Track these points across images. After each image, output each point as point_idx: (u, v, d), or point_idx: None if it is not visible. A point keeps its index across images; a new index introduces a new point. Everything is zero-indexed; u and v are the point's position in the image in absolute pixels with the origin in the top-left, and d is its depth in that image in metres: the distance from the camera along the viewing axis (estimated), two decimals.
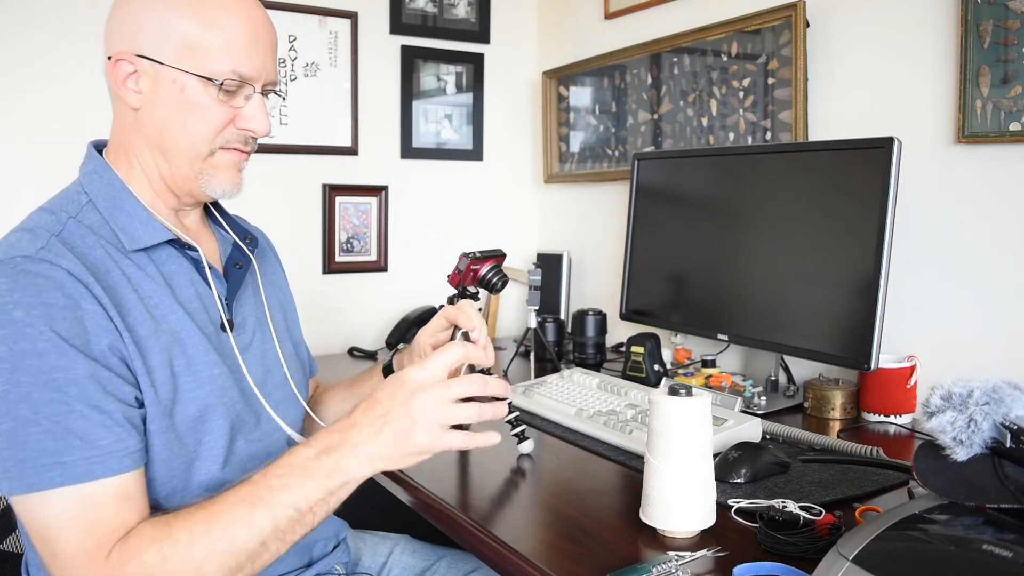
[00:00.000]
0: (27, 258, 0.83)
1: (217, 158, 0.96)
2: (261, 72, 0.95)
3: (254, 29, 0.94)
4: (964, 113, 1.40)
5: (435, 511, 1.10)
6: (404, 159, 2.38)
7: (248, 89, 0.95)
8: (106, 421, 0.81)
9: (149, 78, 0.92)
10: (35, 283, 0.81)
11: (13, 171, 1.87)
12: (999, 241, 1.40)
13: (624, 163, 2.22)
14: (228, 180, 0.98)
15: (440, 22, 2.39)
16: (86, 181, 0.96)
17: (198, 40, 0.90)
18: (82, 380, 0.81)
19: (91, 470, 0.79)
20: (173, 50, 0.91)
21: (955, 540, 0.78)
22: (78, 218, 0.91)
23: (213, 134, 0.94)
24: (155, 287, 0.92)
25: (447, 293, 1.39)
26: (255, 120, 0.96)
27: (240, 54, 0.92)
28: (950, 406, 0.86)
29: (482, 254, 1.37)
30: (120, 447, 0.82)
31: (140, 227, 0.93)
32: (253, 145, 1.00)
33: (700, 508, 0.96)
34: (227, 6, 0.92)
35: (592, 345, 1.95)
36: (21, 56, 1.87)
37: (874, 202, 1.34)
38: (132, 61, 0.92)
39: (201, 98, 0.92)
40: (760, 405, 1.53)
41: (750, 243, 1.58)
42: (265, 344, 1.05)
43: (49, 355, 0.80)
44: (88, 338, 0.82)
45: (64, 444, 0.79)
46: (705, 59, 1.93)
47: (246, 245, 1.08)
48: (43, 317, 0.80)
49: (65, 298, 0.82)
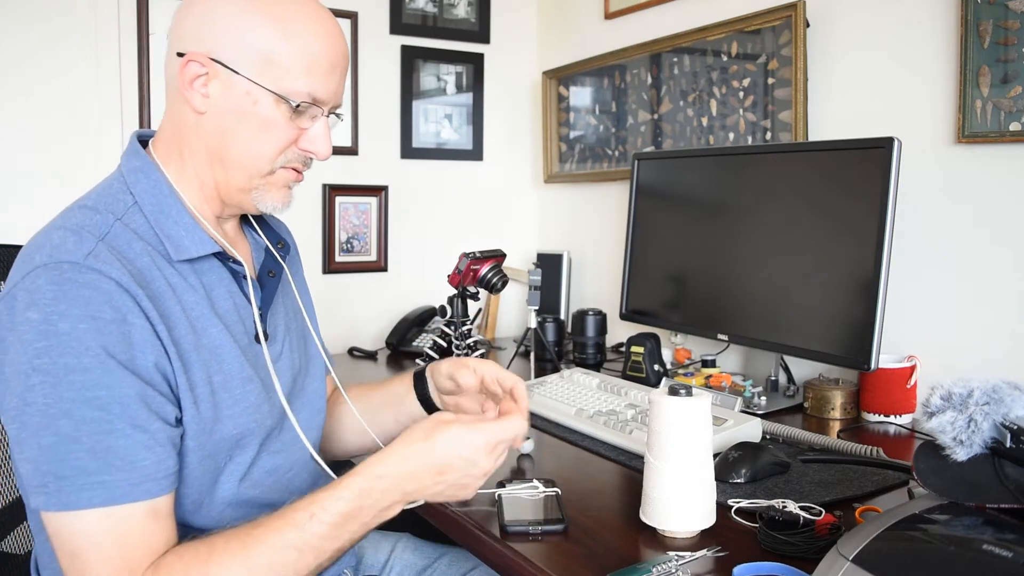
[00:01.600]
0: (75, 265, 0.79)
1: (277, 176, 0.94)
2: (334, 96, 0.93)
3: (335, 54, 0.91)
4: (964, 113, 1.40)
5: (435, 510, 1.10)
6: (404, 159, 2.38)
7: (316, 111, 0.92)
8: (148, 441, 0.80)
9: (221, 84, 0.88)
10: (82, 294, 0.78)
11: (12, 167, 1.87)
12: (999, 241, 1.40)
13: (624, 163, 2.22)
14: (280, 198, 0.96)
15: (440, 22, 2.39)
16: (131, 180, 0.91)
17: (279, 56, 0.88)
18: (126, 399, 0.79)
19: (130, 492, 0.78)
20: (252, 61, 0.87)
21: (955, 540, 0.78)
22: (124, 220, 0.87)
23: (277, 152, 0.92)
24: (197, 298, 0.89)
25: (447, 293, 1.39)
26: (318, 143, 0.94)
27: (319, 77, 0.90)
28: (950, 406, 0.86)
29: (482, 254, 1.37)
30: (160, 469, 0.80)
31: (186, 237, 0.90)
32: (309, 166, 0.97)
33: (700, 508, 0.96)
34: (313, 26, 0.90)
35: (592, 345, 1.95)
36: (20, 51, 1.87)
37: (874, 202, 1.34)
38: (205, 64, 0.88)
39: (272, 114, 0.89)
40: (760, 405, 1.53)
41: (750, 243, 1.58)
42: (293, 353, 1.04)
43: (94, 371, 0.77)
44: (134, 354, 0.80)
45: (105, 464, 0.77)
46: (705, 59, 1.93)
47: (278, 251, 1.06)
48: (91, 331, 0.77)
49: (113, 311, 0.79)
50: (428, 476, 0.86)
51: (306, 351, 1.09)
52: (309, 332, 1.13)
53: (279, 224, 1.15)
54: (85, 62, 1.93)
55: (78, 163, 1.93)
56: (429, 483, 0.86)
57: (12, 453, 0.81)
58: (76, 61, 1.92)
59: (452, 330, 1.39)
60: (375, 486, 0.85)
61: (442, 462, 0.86)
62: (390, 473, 0.85)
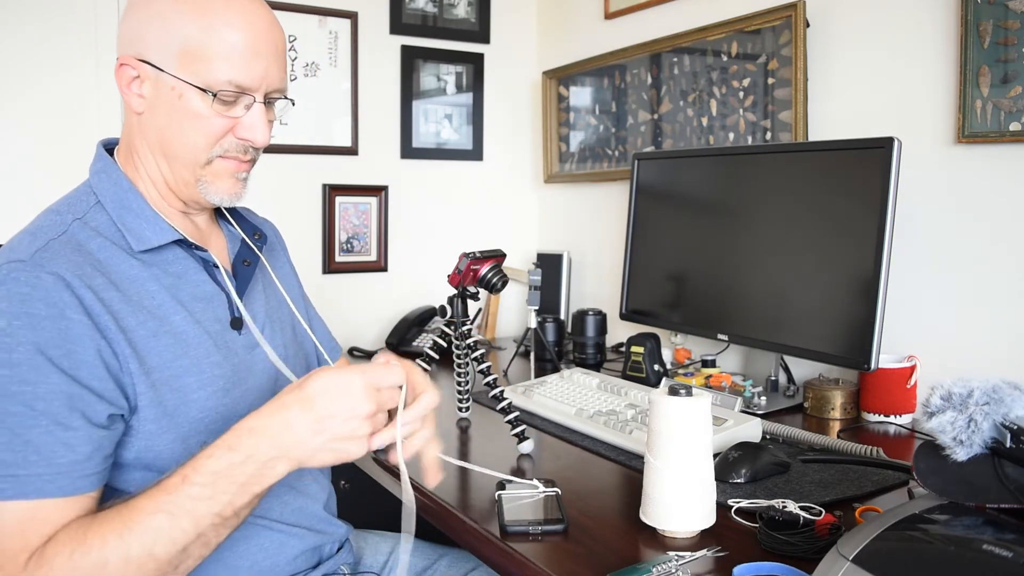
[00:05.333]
0: (20, 263, 0.83)
1: (215, 166, 0.96)
2: (262, 81, 0.94)
3: (255, 38, 0.92)
4: (964, 113, 1.40)
5: (435, 511, 1.10)
6: (404, 159, 2.37)
7: (248, 99, 0.94)
8: (70, 439, 0.80)
9: (151, 83, 0.92)
10: (20, 291, 0.81)
11: (12, 165, 1.87)
12: (999, 241, 1.40)
13: (624, 163, 2.22)
14: (226, 188, 0.98)
15: (440, 22, 2.39)
16: (95, 181, 0.96)
17: (197, 48, 0.90)
18: (51, 396, 0.79)
19: (43, 488, 0.78)
20: (173, 57, 0.91)
21: (955, 540, 0.78)
22: (84, 219, 0.91)
23: (210, 143, 0.94)
24: (159, 288, 0.92)
25: (447, 293, 1.39)
26: (254, 130, 0.95)
27: (239, 64, 0.91)
28: (950, 406, 0.86)
29: (482, 254, 1.37)
30: (76, 469, 0.80)
31: (147, 227, 0.93)
32: (254, 154, 0.99)
33: (700, 508, 0.96)
34: (228, 15, 0.91)
35: (592, 345, 1.95)
36: (20, 50, 1.87)
37: (874, 202, 1.34)
38: (135, 66, 0.92)
39: (199, 107, 0.92)
40: (760, 405, 1.53)
41: (750, 243, 1.58)
42: (274, 341, 1.05)
43: (22, 367, 0.79)
44: (69, 348, 0.81)
45: (21, 458, 0.78)
46: (705, 59, 1.93)
47: (254, 241, 1.08)
48: (25, 327, 0.79)
49: (48, 308, 0.81)
50: (304, 425, 0.80)
51: (301, 347, 1.10)
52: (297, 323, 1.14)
53: (260, 220, 1.18)
54: (85, 62, 1.93)
55: (78, 163, 1.91)
56: (308, 434, 0.80)
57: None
58: (76, 61, 1.92)
59: (452, 330, 1.39)
60: (244, 440, 0.80)
61: (317, 408, 0.80)
62: (261, 426, 0.81)
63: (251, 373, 0.99)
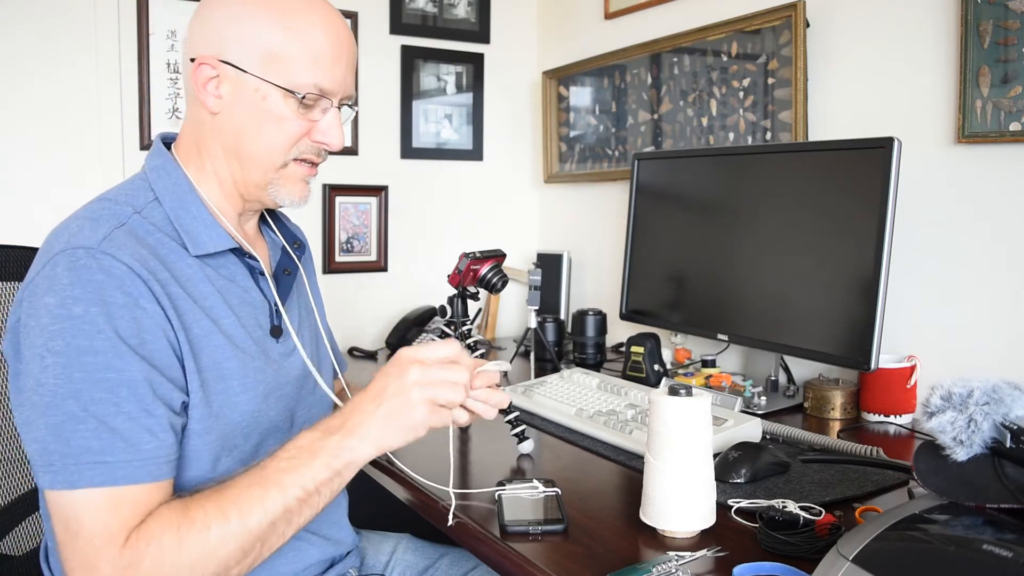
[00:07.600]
0: (89, 250, 0.82)
1: (290, 169, 0.97)
2: (341, 86, 0.95)
3: (338, 43, 0.94)
4: (964, 113, 1.40)
5: (435, 511, 1.10)
6: (404, 159, 2.38)
7: (326, 103, 0.95)
8: (153, 425, 0.82)
9: (231, 84, 0.92)
10: (95, 279, 0.81)
11: (12, 167, 1.87)
12: (999, 241, 1.40)
13: (624, 163, 2.22)
14: (296, 191, 0.99)
15: (440, 22, 2.39)
16: (153, 176, 0.95)
17: (283, 51, 0.91)
18: (134, 383, 0.81)
19: (132, 474, 0.80)
20: (257, 59, 0.91)
21: (955, 540, 0.78)
22: (143, 213, 0.91)
23: (289, 145, 0.95)
24: (212, 291, 0.92)
25: (447, 293, 1.39)
26: (331, 134, 0.97)
27: (323, 68, 0.93)
28: (950, 406, 0.86)
29: (482, 254, 1.36)
30: (161, 454, 0.82)
31: (204, 232, 0.93)
32: (324, 157, 1.00)
33: (700, 508, 0.96)
34: (313, 19, 0.92)
35: (592, 345, 1.95)
36: (20, 50, 1.87)
37: (874, 202, 1.34)
38: (215, 66, 0.92)
39: (281, 109, 0.93)
40: (760, 405, 1.53)
41: (750, 243, 1.58)
42: (307, 349, 1.06)
43: (105, 353, 0.80)
44: (144, 338, 0.83)
45: (109, 444, 0.79)
46: (705, 59, 1.93)
47: (294, 251, 1.09)
48: (102, 315, 0.80)
49: (124, 296, 0.82)
50: (367, 401, 0.88)
51: (317, 351, 1.12)
52: (320, 333, 1.15)
53: (296, 226, 1.19)
54: (85, 61, 1.93)
55: (78, 163, 1.93)
56: (371, 408, 0.87)
57: (22, 437, 0.82)
58: (76, 60, 1.92)
59: (452, 330, 1.39)
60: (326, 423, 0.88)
61: (377, 381, 0.89)
62: (338, 412, 0.89)
63: (285, 381, 1.00)
